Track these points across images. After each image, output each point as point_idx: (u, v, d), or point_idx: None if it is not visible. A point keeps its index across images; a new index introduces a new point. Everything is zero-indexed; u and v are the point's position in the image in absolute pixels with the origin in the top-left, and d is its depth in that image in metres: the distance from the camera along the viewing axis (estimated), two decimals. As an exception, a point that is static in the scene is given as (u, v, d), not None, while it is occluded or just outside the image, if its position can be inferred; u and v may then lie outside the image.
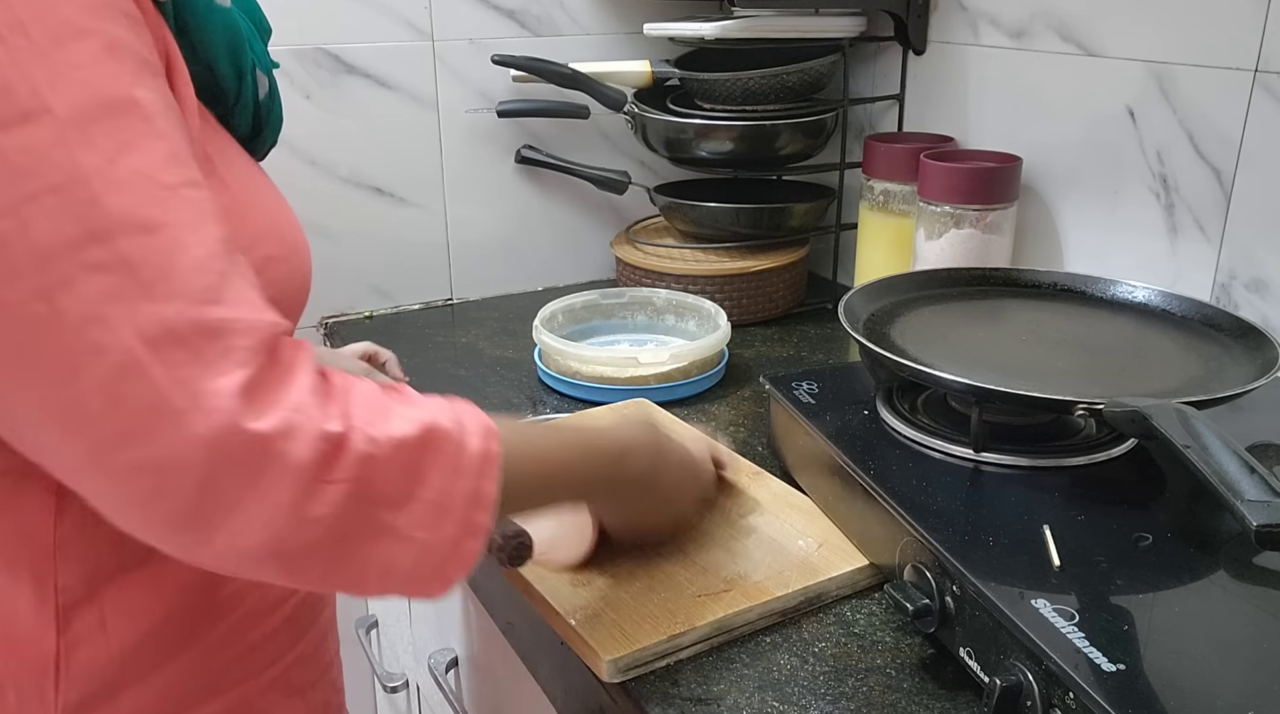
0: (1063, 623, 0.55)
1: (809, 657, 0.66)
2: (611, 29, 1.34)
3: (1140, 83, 1.00)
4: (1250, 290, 0.94)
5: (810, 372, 0.90)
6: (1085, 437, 0.77)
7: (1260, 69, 0.90)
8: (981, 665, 0.59)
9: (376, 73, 1.23)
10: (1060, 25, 1.07)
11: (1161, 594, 0.59)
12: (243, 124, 0.66)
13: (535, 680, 0.78)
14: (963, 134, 1.21)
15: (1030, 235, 1.14)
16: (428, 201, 1.31)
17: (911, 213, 1.16)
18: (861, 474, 0.72)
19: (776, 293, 1.26)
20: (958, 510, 0.68)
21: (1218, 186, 0.95)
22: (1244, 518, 0.54)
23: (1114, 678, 0.51)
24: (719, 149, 1.24)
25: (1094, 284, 0.92)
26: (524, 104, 1.29)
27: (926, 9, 1.22)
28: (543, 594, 0.70)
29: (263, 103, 0.66)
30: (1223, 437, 0.60)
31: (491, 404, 1.04)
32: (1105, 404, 0.66)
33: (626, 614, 0.67)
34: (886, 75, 1.30)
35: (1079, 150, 1.08)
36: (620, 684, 0.64)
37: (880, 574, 0.72)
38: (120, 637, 0.57)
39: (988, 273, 0.96)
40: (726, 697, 0.62)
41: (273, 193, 0.65)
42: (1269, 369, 0.72)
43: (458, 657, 1.02)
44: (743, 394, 1.06)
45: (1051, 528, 0.64)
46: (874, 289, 0.91)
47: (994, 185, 1.07)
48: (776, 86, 1.22)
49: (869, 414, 0.81)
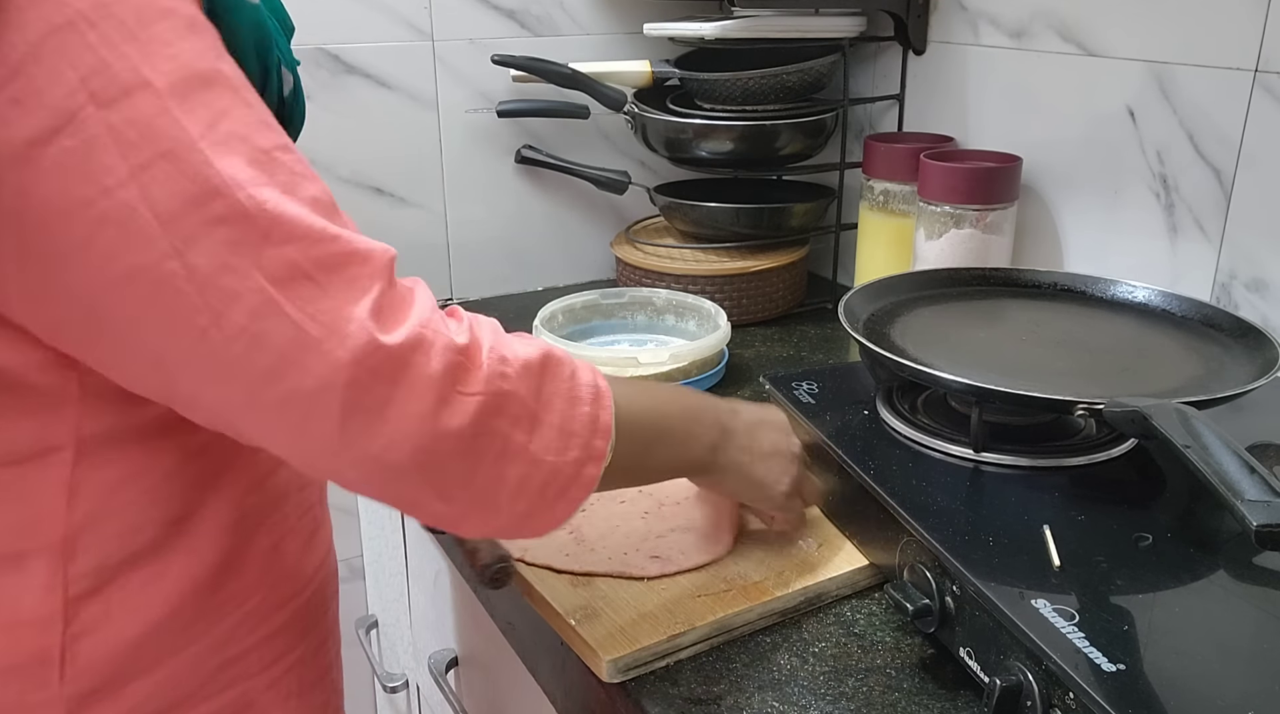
0: (1063, 623, 0.55)
1: (809, 657, 0.66)
2: (611, 29, 1.34)
3: (1140, 83, 1.00)
4: (1250, 290, 0.94)
5: (810, 372, 0.90)
6: (1085, 437, 0.77)
7: (1260, 69, 0.90)
8: (981, 665, 0.59)
9: (376, 73, 1.23)
10: (1060, 25, 1.07)
11: (1161, 594, 0.59)
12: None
13: (535, 680, 0.78)
14: (963, 134, 1.21)
15: (1030, 235, 1.14)
16: (428, 201, 1.31)
17: (911, 213, 1.16)
18: (861, 474, 0.72)
19: (776, 293, 1.26)
20: (958, 510, 0.68)
21: (1218, 186, 0.95)
22: (1244, 518, 0.54)
23: (1114, 678, 0.51)
24: (719, 149, 1.24)
25: (1094, 284, 0.92)
26: (524, 104, 1.29)
27: (926, 9, 1.22)
28: (543, 594, 0.70)
29: (287, 99, 0.67)
30: (1223, 437, 0.60)
31: (491, 404, 1.04)
32: (1105, 404, 0.66)
33: (626, 614, 0.67)
34: (886, 75, 1.30)
35: (1079, 150, 1.08)
36: (620, 684, 0.64)
37: (880, 574, 0.72)
38: (125, 630, 0.58)
39: (988, 273, 0.96)
40: (726, 697, 0.62)
41: None
42: (1269, 369, 0.72)
43: (458, 657, 1.02)
44: (743, 394, 1.06)
45: (1051, 528, 0.64)
46: (874, 289, 0.91)
47: (994, 185, 1.07)
48: (776, 86, 1.22)
49: (869, 414, 0.81)
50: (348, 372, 0.48)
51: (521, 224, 1.37)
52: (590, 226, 1.42)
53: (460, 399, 0.51)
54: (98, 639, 0.57)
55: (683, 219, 1.29)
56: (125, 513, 0.56)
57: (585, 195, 1.39)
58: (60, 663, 0.56)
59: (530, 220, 1.38)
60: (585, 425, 0.56)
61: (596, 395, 0.57)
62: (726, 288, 1.23)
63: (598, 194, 1.38)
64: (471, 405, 0.51)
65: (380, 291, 0.50)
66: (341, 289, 0.49)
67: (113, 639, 0.57)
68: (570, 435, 0.55)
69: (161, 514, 0.57)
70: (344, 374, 0.48)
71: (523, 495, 0.55)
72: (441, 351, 0.50)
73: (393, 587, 1.25)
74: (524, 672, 0.80)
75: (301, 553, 0.67)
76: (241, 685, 0.64)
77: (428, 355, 0.50)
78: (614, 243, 1.35)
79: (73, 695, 0.57)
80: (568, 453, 0.55)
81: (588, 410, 0.56)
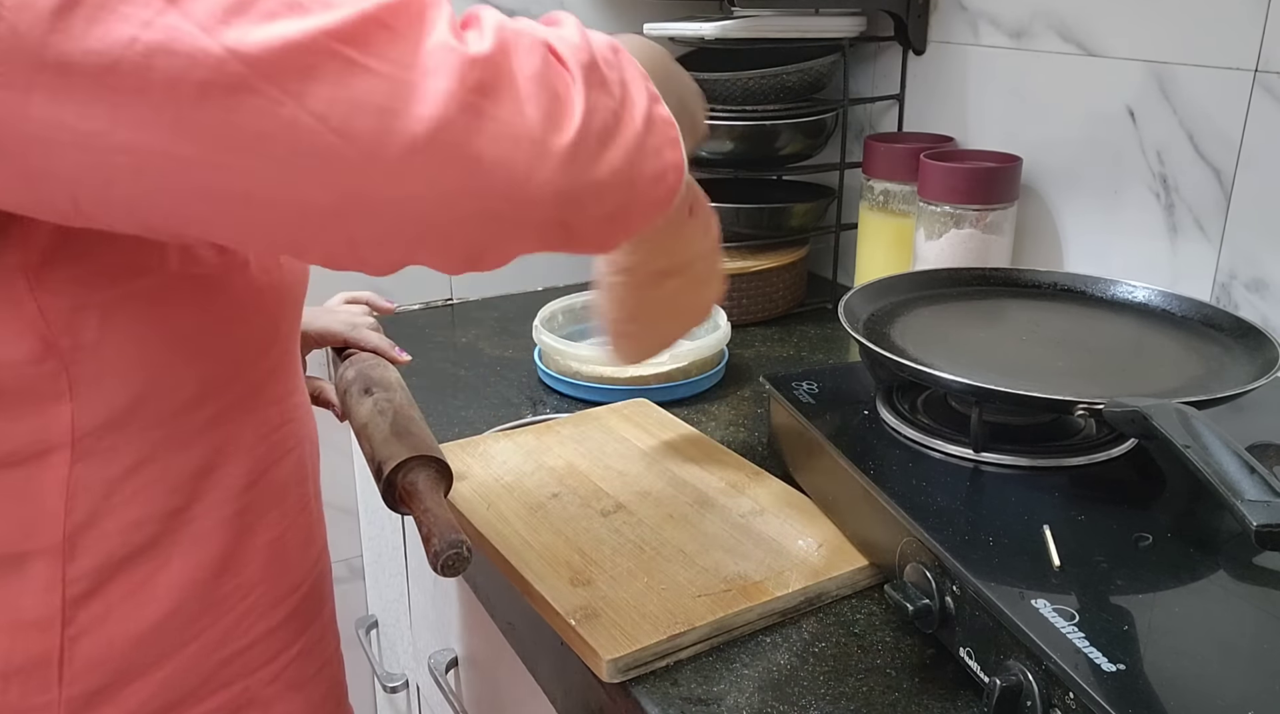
0: (1063, 623, 0.55)
1: (809, 657, 0.66)
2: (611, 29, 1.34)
3: (1140, 83, 1.00)
4: (1250, 290, 0.94)
5: (810, 372, 0.90)
6: (1085, 437, 0.77)
7: (1260, 69, 0.90)
8: (981, 665, 0.59)
9: (376, 73, 1.23)
10: (1060, 25, 1.07)
11: (1161, 594, 0.59)
12: None
13: (535, 680, 0.78)
14: (963, 134, 1.21)
15: (1030, 235, 1.14)
16: (428, 201, 1.31)
17: (911, 213, 1.16)
18: (861, 474, 0.72)
19: (776, 293, 1.26)
20: (958, 510, 0.68)
21: (1218, 186, 0.95)
22: (1244, 518, 0.54)
23: (1114, 678, 0.51)
24: (719, 149, 1.24)
25: (1094, 284, 0.92)
26: (524, 104, 1.29)
27: (926, 9, 1.22)
28: (543, 594, 0.70)
29: None
30: (1223, 437, 0.60)
31: (491, 404, 1.04)
32: (1105, 404, 0.66)
33: (626, 614, 0.67)
34: (886, 75, 1.30)
35: (1079, 150, 1.08)
36: (620, 684, 0.64)
37: (880, 574, 0.72)
38: (125, 630, 0.58)
39: (988, 273, 0.96)
40: (726, 697, 0.62)
41: None
42: (1269, 369, 0.72)
43: (458, 657, 1.02)
44: (743, 394, 1.06)
45: (1051, 528, 0.64)
46: (874, 289, 0.91)
47: (994, 185, 1.07)
48: (776, 86, 1.22)
49: (869, 414, 0.81)
50: (450, 92, 0.45)
51: (521, 224, 1.37)
52: (590, 226, 1.41)
53: (563, 73, 0.50)
54: (97, 639, 0.57)
55: (683, 219, 1.29)
56: (125, 510, 0.56)
57: (585, 195, 1.39)
58: (60, 665, 0.56)
59: (530, 220, 1.37)
60: (659, 120, 0.55)
61: (641, 74, 0.56)
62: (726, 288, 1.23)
63: (598, 194, 1.38)
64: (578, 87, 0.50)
65: (448, 14, 0.47)
66: (408, 28, 0.45)
67: (113, 639, 0.57)
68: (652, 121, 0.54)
69: (161, 509, 0.57)
70: (447, 97, 0.45)
71: (663, 183, 0.54)
72: (531, 46, 0.49)
73: (393, 587, 1.25)
74: (524, 672, 0.80)
75: (301, 547, 0.67)
76: (243, 681, 0.64)
77: (518, 56, 0.48)
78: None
79: (73, 698, 0.57)
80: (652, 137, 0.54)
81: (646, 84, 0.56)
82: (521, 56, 0.48)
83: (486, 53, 0.47)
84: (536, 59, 0.49)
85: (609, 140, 0.51)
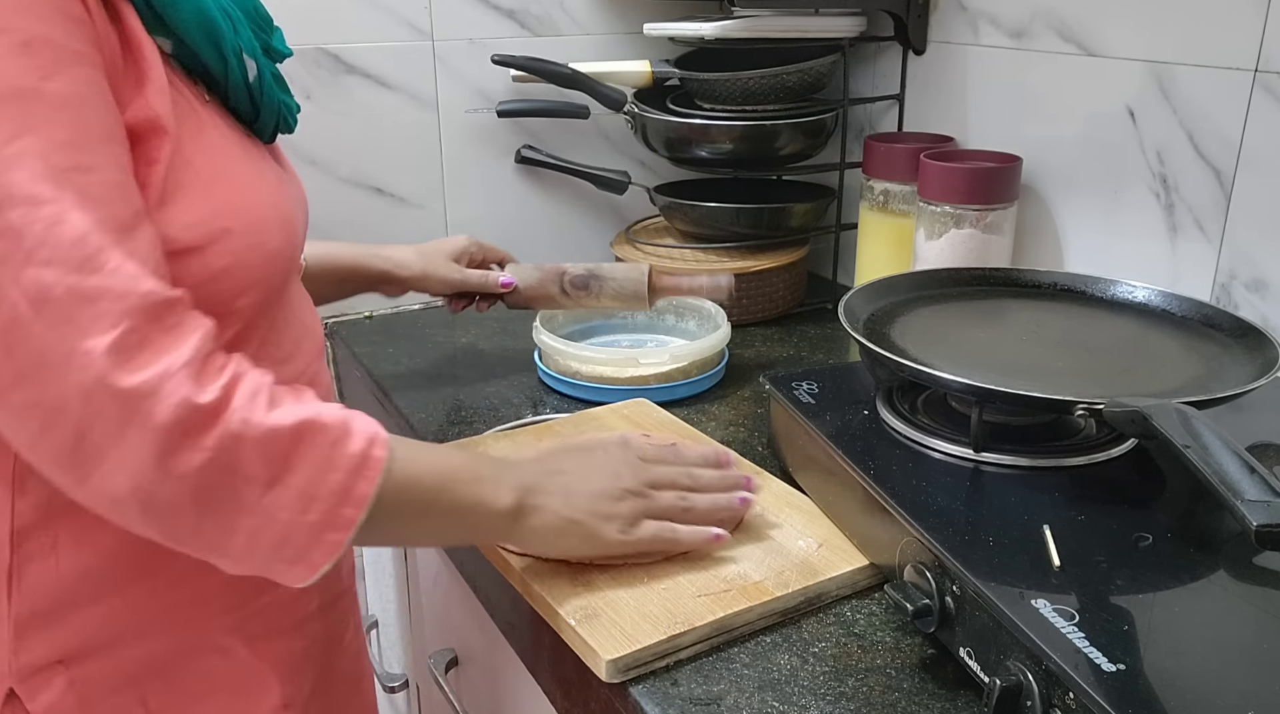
0: (1063, 623, 0.55)
1: (809, 657, 0.66)
2: (611, 29, 1.34)
3: (1140, 83, 1.00)
4: (1250, 290, 0.94)
5: (810, 371, 0.90)
6: (1085, 437, 0.77)
7: (1260, 69, 0.90)
8: (981, 665, 0.59)
9: (376, 73, 1.23)
10: (1060, 25, 1.07)
11: (1161, 594, 0.59)
12: (240, 106, 0.68)
13: (535, 680, 0.78)
14: (963, 134, 1.21)
15: (1030, 235, 1.14)
16: (428, 201, 1.31)
17: (911, 213, 1.16)
18: (861, 474, 0.72)
19: (776, 293, 1.26)
20: (958, 510, 0.68)
21: (1218, 186, 0.95)
22: (1244, 518, 0.54)
23: (1114, 678, 0.51)
24: (719, 149, 1.24)
25: (1094, 284, 0.92)
26: (524, 104, 1.29)
27: (926, 9, 1.22)
28: (543, 594, 0.70)
29: (253, 86, 0.68)
30: (1223, 437, 0.60)
31: (491, 404, 1.04)
32: (1105, 404, 0.66)
33: (626, 614, 0.67)
34: (886, 75, 1.30)
35: (1079, 150, 1.08)
36: (620, 684, 0.64)
37: (880, 574, 0.72)
38: (70, 561, 0.62)
39: (988, 273, 0.96)
40: (726, 697, 0.62)
41: (252, 172, 0.66)
42: (1269, 369, 0.72)
43: (458, 657, 1.02)
44: (743, 394, 1.06)
45: (1051, 528, 0.64)
46: (874, 289, 0.91)
47: (994, 185, 1.07)
48: (776, 86, 1.22)
49: (869, 414, 0.81)
50: (78, 400, 0.51)
51: (521, 224, 1.37)
52: (590, 226, 1.42)
53: (187, 452, 0.53)
54: (45, 566, 0.62)
55: (683, 219, 1.29)
56: None
57: (585, 195, 1.39)
58: (9, 582, 0.61)
59: (530, 220, 1.38)
60: (333, 492, 0.57)
61: (361, 464, 0.58)
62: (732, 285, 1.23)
63: (598, 194, 1.38)
64: (197, 459, 0.53)
65: (127, 331, 0.52)
66: (89, 322, 0.51)
67: (59, 568, 0.62)
68: (313, 499, 0.56)
69: None
70: (75, 401, 0.51)
71: (256, 548, 0.56)
72: (175, 405, 0.52)
73: (393, 587, 1.25)
74: (524, 672, 0.80)
75: None
76: (201, 625, 0.67)
77: (160, 403, 0.52)
78: (614, 243, 1.35)
79: (20, 615, 0.62)
80: (307, 515, 0.56)
81: (340, 478, 0.57)
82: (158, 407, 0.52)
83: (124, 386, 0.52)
84: (167, 416, 0.52)
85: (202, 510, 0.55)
